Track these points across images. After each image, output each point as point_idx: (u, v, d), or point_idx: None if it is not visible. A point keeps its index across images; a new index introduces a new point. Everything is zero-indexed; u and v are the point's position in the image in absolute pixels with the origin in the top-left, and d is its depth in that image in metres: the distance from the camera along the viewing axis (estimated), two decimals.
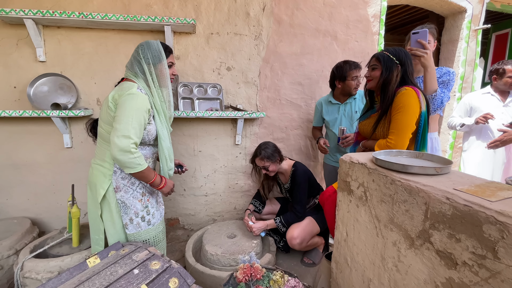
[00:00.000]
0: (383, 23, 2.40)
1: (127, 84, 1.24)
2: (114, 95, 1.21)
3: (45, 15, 1.63)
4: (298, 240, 1.81)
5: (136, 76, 1.29)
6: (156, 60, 1.28)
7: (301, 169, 1.94)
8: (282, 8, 2.13)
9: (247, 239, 1.84)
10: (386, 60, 1.33)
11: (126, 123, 1.14)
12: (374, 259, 0.95)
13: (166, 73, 1.32)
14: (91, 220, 1.34)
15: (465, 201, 0.63)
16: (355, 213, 1.05)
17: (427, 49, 1.44)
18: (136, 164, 1.18)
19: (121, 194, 1.27)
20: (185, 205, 2.24)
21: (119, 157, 1.14)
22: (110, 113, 1.20)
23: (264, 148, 1.91)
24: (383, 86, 1.34)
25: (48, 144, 1.89)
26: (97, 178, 1.27)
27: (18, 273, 1.40)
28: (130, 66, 1.30)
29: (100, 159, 1.29)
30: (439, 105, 1.65)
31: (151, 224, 1.36)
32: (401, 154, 1.07)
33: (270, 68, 2.20)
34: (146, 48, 1.27)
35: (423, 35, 1.45)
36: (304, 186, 1.91)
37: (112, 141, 1.14)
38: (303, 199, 1.92)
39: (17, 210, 1.94)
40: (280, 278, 1.18)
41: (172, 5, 1.93)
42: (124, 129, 1.14)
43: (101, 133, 1.28)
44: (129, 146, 1.14)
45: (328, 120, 2.06)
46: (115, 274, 1.00)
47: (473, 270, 0.60)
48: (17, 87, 1.80)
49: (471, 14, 2.64)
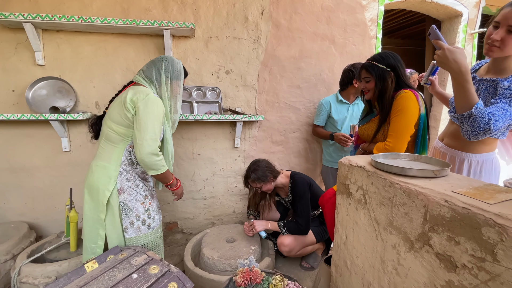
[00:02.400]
0: (381, 27, 2.42)
1: (143, 89, 1.27)
2: (132, 98, 1.22)
3: (44, 19, 1.63)
4: (287, 249, 1.78)
5: (149, 83, 1.34)
6: (174, 76, 1.38)
7: (300, 179, 1.84)
8: (280, 12, 2.15)
9: (246, 243, 1.82)
10: (376, 70, 1.32)
11: (152, 126, 1.21)
12: (374, 262, 0.95)
13: (179, 91, 1.42)
14: (88, 227, 1.28)
15: (464, 204, 0.63)
16: (355, 216, 1.05)
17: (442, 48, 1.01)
18: (161, 166, 1.26)
19: (124, 196, 1.27)
20: (184, 208, 2.23)
21: (148, 159, 1.20)
22: (127, 114, 1.22)
23: (253, 170, 1.80)
24: (380, 96, 1.34)
25: (46, 147, 1.88)
26: (100, 181, 1.24)
27: (15, 278, 1.39)
28: (148, 72, 1.34)
29: (105, 160, 1.27)
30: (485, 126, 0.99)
31: (151, 228, 1.36)
32: (400, 157, 1.08)
33: (269, 71, 2.21)
34: (170, 63, 1.37)
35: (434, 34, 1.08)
36: (305, 196, 1.80)
37: (140, 144, 1.18)
38: (306, 212, 1.78)
39: (15, 214, 1.92)
40: (279, 282, 1.18)
41: (171, 9, 1.94)
42: (151, 132, 1.20)
43: (109, 134, 1.27)
44: (157, 149, 1.22)
45: (337, 119, 2.09)
46: (113, 279, 0.99)
47: (472, 272, 0.60)
48: (16, 91, 1.80)
49: (467, 18, 2.67)
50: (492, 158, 1.22)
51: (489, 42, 1.05)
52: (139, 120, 1.20)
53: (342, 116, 2.09)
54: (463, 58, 0.96)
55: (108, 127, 1.27)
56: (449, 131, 1.34)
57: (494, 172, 1.24)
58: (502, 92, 1.06)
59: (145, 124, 1.19)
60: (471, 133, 1.01)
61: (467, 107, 0.98)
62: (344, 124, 2.09)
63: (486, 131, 0.97)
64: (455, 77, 0.99)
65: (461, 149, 1.25)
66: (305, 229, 1.79)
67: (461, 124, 1.04)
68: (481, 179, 1.21)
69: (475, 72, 1.27)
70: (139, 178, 1.35)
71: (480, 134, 0.99)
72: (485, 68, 1.21)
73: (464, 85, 0.97)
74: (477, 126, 0.98)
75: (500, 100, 1.04)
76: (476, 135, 1.00)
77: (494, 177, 1.25)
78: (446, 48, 0.97)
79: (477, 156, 1.21)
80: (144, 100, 1.21)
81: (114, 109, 1.27)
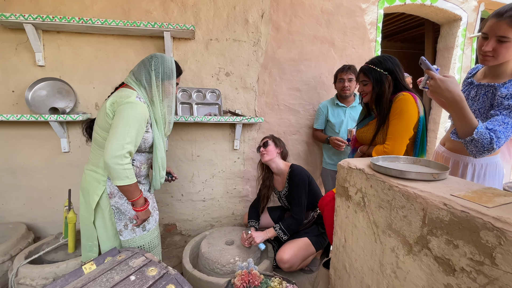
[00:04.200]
0: (380, 30, 2.43)
1: (126, 92, 1.22)
2: (112, 102, 1.19)
3: (45, 20, 1.63)
4: (287, 265, 1.72)
5: (139, 85, 1.27)
6: (166, 76, 1.28)
7: (299, 169, 1.87)
8: (280, 15, 2.16)
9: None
10: (373, 74, 1.32)
11: (122, 131, 1.12)
12: (373, 265, 0.94)
13: (172, 91, 1.33)
14: (84, 227, 1.31)
15: (462, 207, 0.63)
16: (353, 219, 1.05)
17: (433, 78, 1.02)
18: (124, 176, 1.14)
19: (115, 200, 1.26)
20: (183, 210, 2.23)
21: (111, 165, 1.11)
22: (108, 120, 1.19)
23: (272, 135, 2.00)
24: (377, 100, 1.34)
25: (45, 148, 1.88)
26: (90, 184, 1.24)
27: (12, 279, 1.38)
28: (137, 73, 1.28)
29: (94, 165, 1.27)
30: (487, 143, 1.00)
31: (146, 229, 1.34)
32: (399, 160, 1.08)
33: (269, 74, 2.22)
34: (160, 62, 1.27)
35: (424, 64, 1.06)
36: (303, 186, 1.81)
37: (106, 147, 1.12)
38: (302, 201, 1.81)
39: (13, 215, 1.91)
40: (278, 285, 1.17)
41: (171, 11, 1.94)
42: (119, 137, 1.12)
43: (96, 138, 1.26)
44: (122, 155, 1.12)
45: (334, 123, 2.09)
46: (111, 281, 0.99)
47: (471, 276, 0.60)
48: (16, 91, 1.80)
49: (466, 22, 2.68)
50: (495, 162, 1.24)
51: (482, 53, 1.07)
52: (112, 124, 1.15)
53: (339, 120, 2.10)
54: (455, 87, 0.96)
55: (96, 132, 1.25)
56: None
57: (497, 176, 1.25)
58: (500, 102, 1.06)
59: (115, 128, 1.13)
60: (476, 153, 1.02)
61: (468, 133, 0.99)
62: (342, 127, 2.09)
63: (490, 150, 0.99)
64: (450, 105, 1.00)
65: (464, 153, 1.25)
66: (301, 220, 1.82)
67: (466, 146, 1.05)
68: (485, 183, 1.23)
69: (472, 76, 1.28)
70: None
71: (485, 153, 1.01)
72: (482, 73, 1.22)
73: (461, 112, 0.98)
74: (480, 147, 0.99)
75: (500, 113, 1.04)
76: (481, 154, 1.02)
77: (498, 181, 1.25)
78: (437, 78, 0.98)
79: (481, 160, 1.22)
80: (122, 104, 1.16)
81: (100, 113, 1.24)
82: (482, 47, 1.06)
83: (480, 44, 1.08)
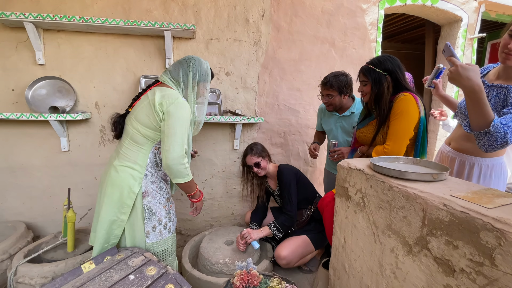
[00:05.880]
0: (381, 31, 2.43)
1: (171, 91, 1.24)
2: (161, 101, 1.19)
3: (46, 19, 1.63)
4: (284, 262, 1.74)
5: (176, 85, 1.30)
6: (202, 79, 1.34)
7: (286, 168, 1.93)
8: (281, 15, 2.16)
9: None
10: (372, 74, 1.32)
11: (180, 132, 1.18)
12: (372, 266, 0.94)
13: (205, 93, 1.38)
14: (103, 224, 1.22)
15: (462, 208, 0.63)
16: (353, 219, 1.05)
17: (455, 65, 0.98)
18: (186, 174, 1.22)
19: (148, 200, 1.25)
20: (182, 209, 2.23)
21: (174, 166, 1.16)
22: (156, 118, 1.20)
23: (254, 145, 1.97)
24: (376, 100, 1.34)
25: (45, 147, 1.88)
26: (126, 182, 1.21)
27: (11, 278, 1.38)
28: (175, 73, 1.31)
29: (131, 161, 1.24)
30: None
31: (171, 231, 1.35)
32: (399, 160, 1.08)
33: (269, 74, 2.22)
34: (198, 64, 1.33)
35: (448, 51, 1.07)
36: (292, 184, 1.87)
37: (167, 149, 1.16)
38: (292, 198, 1.86)
39: (12, 214, 1.91)
40: (277, 285, 1.17)
41: (172, 11, 1.94)
42: (179, 138, 1.17)
43: (135, 135, 1.24)
44: (183, 155, 1.18)
45: (325, 130, 2.05)
46: (110, 280, 0.99)
47: (470, 277, 0.60)
48: (15, 90, 1.80)
49: (466, 23, 2.68)
50: (501, 163, 1.23)
51: (506, 52, 1.04)
52: (168, 125, 1.17)
53: (328, 128, 1.96)
54: (476, 76, 0.92)
55: (134, 128, 1.24)
56: (457, 135, 1.33)
57: (502, 176, 1.25)
58: None
59: (173, 129, 1.16)
60: (488, 147, 1.00)
61: (483, 125, 0.96)
62: (330, 135, 1.95)
63: (503, 145, 0.96)
64: (468, 95, 0.95)
65: (471, 154, 1.24)
66: (294, 215, 1.85)
67: (478, 139, 1.02)
68: (490, 183, 1.23)
69: (483, 76, 1.25)
70: (162, 180, 1.33)
71: (498, 147, 0.98)
72: (495, 73, 1.19)
73: (479, 103, 0.94)
74: (494, 140, 0.96)
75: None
76: (494, 148, 0.99)
77: (503, 181, 1.25)
78: (459, 65, 0.94)
79: (487, 160, 1.22)
80: (174, 104, 1.18)
81: (142, 110, 1.23)
82: (509, 45, 1.01)
83: (506, 42, 1.03)
